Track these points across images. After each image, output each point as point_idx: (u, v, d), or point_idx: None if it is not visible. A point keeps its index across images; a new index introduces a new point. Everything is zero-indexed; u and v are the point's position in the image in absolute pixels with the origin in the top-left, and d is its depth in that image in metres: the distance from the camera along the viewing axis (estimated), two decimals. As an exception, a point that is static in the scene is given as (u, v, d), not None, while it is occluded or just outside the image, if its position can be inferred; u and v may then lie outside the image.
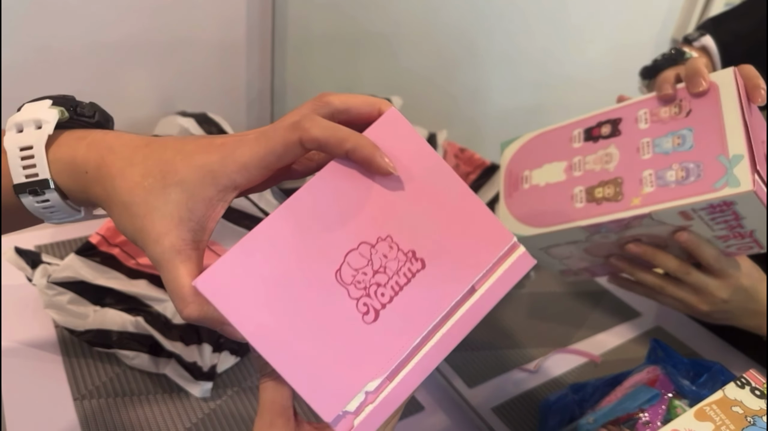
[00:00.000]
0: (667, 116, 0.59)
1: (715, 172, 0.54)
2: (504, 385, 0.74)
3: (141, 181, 0.34)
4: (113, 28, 0.88)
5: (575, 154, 0.63)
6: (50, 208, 0.37)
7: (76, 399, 0.64)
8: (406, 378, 0.33)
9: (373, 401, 0.32)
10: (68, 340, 0.71)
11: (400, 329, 0.33)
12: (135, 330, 0.68)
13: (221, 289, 0.31)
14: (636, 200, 0.58)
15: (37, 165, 0.36)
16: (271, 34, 0.98)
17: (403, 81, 1.17)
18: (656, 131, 0.59)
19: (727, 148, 0.54)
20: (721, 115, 0.55)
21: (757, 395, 0.59)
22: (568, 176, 0.64)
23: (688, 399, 0.61)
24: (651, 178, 0.58)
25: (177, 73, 0.97)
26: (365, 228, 0.34)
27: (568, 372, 0.76)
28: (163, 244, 0.33)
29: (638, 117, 0.61)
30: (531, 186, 0.66)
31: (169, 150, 0.35)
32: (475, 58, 1.23)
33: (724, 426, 0.56)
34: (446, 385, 0.73)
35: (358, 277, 0.33)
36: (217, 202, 0.35)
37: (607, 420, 0.60)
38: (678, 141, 0.57)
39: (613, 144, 0.61)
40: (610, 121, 0.62)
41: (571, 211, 0.62)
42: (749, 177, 0.53)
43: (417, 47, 1.15)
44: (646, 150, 0.59)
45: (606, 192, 0.60)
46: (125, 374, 0.68)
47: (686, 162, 0.56)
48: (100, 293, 0.70)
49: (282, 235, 0.33)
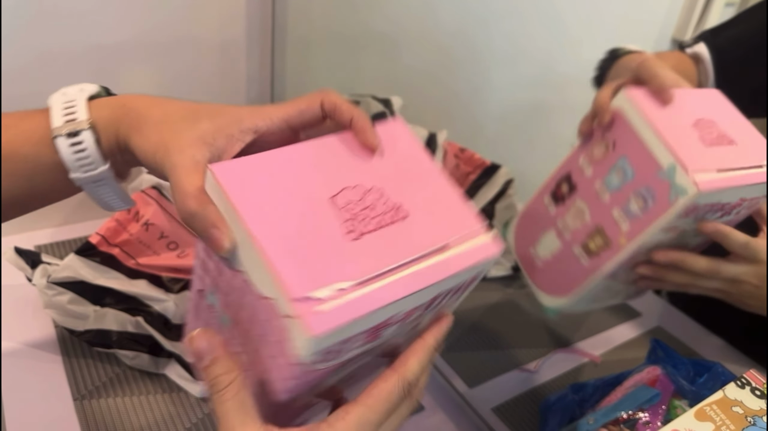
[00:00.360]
0: (600, 156, 0.60)
1: (663, 188, 0.55)
2: (504, 385, 0.74)
3: (176, 109, 0.40)
4: (113, 28, 0.88)
5: (556, 219, 0.66)
6: (82, 152, 0.41)
7: (76, 399, 0.64)
8: (374, 293, 0.35)
9: (338, 298, 0.33)
10: (68, 340, 0.71)
11: (376, 253, 0.36)
12: (135, 330, 0.68)
13: (232, 178, 0.35)
14: (622, 240, 0.60)
15: (77, 111, 0.41)
16: (271, 34, 0.98)
17: (403, 80, 1.17)
18: (600, 172, 0.61)
19: (659, 163, 0.55)
20: (638, 136, 0.56)
21: (758, 395, 0.59)
22: (562, 241, 0.66)
23: (689, 399, 0.61)
24: (621, 215, 0.59)
25: (177, 72, 0.96)
26: (365, 176, 0.39)
27: (568, 372, 0.76)
28: (185, 153, 0.37)
29: (581, 166, 0.62)
30: (542, 261, 0.69)
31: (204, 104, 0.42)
32: (475, 57, 1.23)
33: (724, 426, 0.56)
34: (446, 385, 0.73)
35: (350, 206, 0.38)
36: (236, 140, 0.39)
37: (607, 420, 0.60)
38: (621, 174, 0.59)
39: (578, 198, 0.64)
40: (564, 179, 0.64)
41: (583, 271, 0.64)
42: (690, 180, 0.53)
43: (417, 46, 1.15)
44: (603, 192, 0.61)
45: (597, 243, 0.62)
46: (125, 374, 0.68)
47: (638, 190, 0.57)
48: (100, 293, 0.70)
49: (297, 158, 0.38)
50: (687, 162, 0.54)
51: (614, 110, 0.58)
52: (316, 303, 0.33)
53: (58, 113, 0.41)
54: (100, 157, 0.42)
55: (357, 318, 0.33)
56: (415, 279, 0.36)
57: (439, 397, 0.72)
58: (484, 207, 0.97)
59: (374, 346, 0.40)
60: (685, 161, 0.54)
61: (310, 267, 0.34)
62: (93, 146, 0.41)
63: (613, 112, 0.58)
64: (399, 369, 0.37)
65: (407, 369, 0.37)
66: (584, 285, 0.65)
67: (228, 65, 0.99)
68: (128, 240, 0.75)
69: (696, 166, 0.54)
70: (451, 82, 1.23)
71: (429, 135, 1.03)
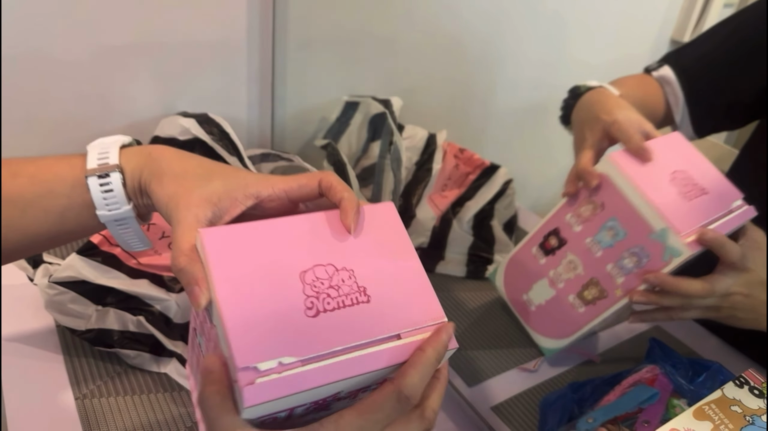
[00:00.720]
0: (588, 214, 0.63)
1: (656, 249, 0.59)
2: (503, 384, 0.74)
3: (194, 166, 0.45)
4: (114, 28, 0.88)
5: (548, 269, 0.69)
6: (110, 192, 0.46)
7: (77, 398, 0.65)
8: (313, 371, 0.37)
9: (279, 372, 0.36)
10: (69, 340, 0.71)
11: (329, 333, 0.38)
12: (136, 329, 0.68)
13: (216, 243, 0.39)
14: (618, 291, 0.63)
15: (110, 156, 0.46)
16: (271, 35, 0.99)
17: (403, 81, 1.17)
18: (590, 230, 0.63)
19: (651, 227, 0.58)
20: (626, 200, 0.59)
21: (756, 394, 0.59)
22: (555, 290, 0.69)
23: (687, 398, 0.61)
24: (615, 269, 0.63)
25: (178, 73, 0.97)
26: (338, 256, 0.42)
27: (568, 372, 0.77)
28: (190, 211, 0.42)
29: (569, 222, 0.65)
30: (536, 306, 0.72)
31: (219, 164, 0.46)
32: (475, 58, 1.23)
33: (722, 425, 0.56)
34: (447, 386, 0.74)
35: (316, 283, 0.40)
36: (239, 204, 0.44)
37: (606, 419, 0.60)
38: (612, 233, 0.62)
39: (568, 251, 0.66)
40: (552, 233, 0.67)
41: (580, 317, 0.68)
42: (682, 243, 0.57)
43: (417, 47, 1.16)
44: (595, 248, 0.64)
45: (593, 293, 0.66)
46: (126, 373, 0.68)
47: (631, 248, 0.61)
48: (102, 293, 0.70)
49: (282, 230, 0.42)
50: (677, 225, 0.57)
51: (600, 174, 0.60)
52: (257, 375, 0.35)
53: (93, 157, 0.46)
54: (125, 197, 0.46)
55: (290, 394, 0.36)
56: (358, 364, 0.38)
57: (439, 396, 0.72)
58: (483, 207, 0.98)
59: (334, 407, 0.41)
60: (676, 224, 0.57)
61: (262, 338, 0.37)
62: (119, 187, 0.46)
63: (600, 176, 0.60)
64: (396, 381, 0.38)
65: (404, 381, 0.38)
66: (582, 330, 0.69)
67: (229, 66, 1.00)
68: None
69: (686, 228, 0.58)
70: (450, 82, 1.24)
71: (429, 135, 1.03)
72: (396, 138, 0.97)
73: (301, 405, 0.39)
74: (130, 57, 0.92)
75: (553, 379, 0.75)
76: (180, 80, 0.98)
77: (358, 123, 1.04)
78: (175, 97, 0.99)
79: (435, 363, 0.40)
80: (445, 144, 1.03)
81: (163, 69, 0.95)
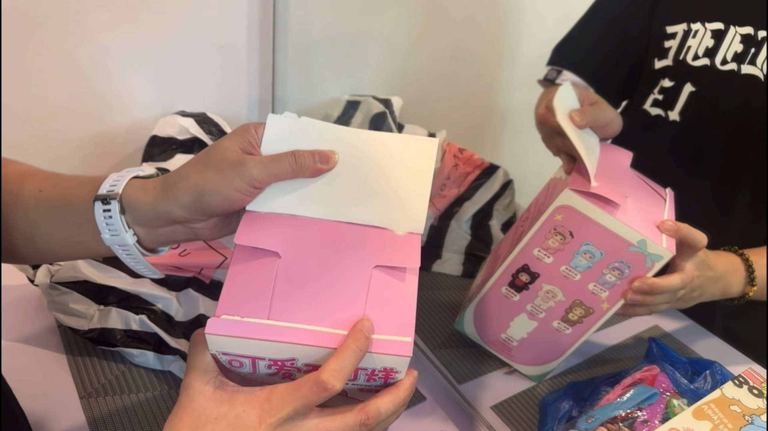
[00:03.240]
0: (558, 245, 0.64)
1: (638, 259, 0.62)
2: (503, 384, 0.74)
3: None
4: (114, 29, 0.88)
5: (524, 304, 0.69)
6: (109, 218, 0.47)
7: (82, 398, 0.65)
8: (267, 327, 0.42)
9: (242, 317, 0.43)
10: (72, 339, 0.72)
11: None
12: (139, 328, 0.68)
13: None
14: (604, 305, 0.65)
15: (118, 185, 0.48)
16: (272, 35, 0.99)
17: (403, 81, 1.17)
18: (563, 259, 0.65)
19: (628, 240, 0.61)
20: (597, 223, 0.61)
21: (755, 394, 0.59)
22: (537, 320, 0.70)
23: (687, 397, 0.62)
24: (597, 287, 0.65)
25: (178, 73, 0.97)
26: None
27: (568, 371, 0.77)
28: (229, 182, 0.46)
29: (538, 256, 0.66)
30: (519, 341, 0.73)
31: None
32: (475, 58, 1.23)
33: (722, 424, 0.56)
34: (446, 384, 0.74)
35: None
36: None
37: (605, 419, 0.60)
38: (588, 256, 0.63)
39: (543, 283, 0.67)
40: (521, 269, 0.67)
41: (567, 338, 0.70)
42: (662, 248, 0.60)
43: (417, 47, 1.16)
44: (572, 274, 0.65)
45: (578, 313, 0.67)
46: (130, 371, 0.69)
47: (611, 264, 0.63)
48: (103, 292, 0.70)
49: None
50: (650, 234, 0.61)
51: (563, 206, 0.62)
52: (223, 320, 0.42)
53: (108, 182, 0.48)
54: (121, 226, 0.48)
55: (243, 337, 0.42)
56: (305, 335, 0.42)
57: (438, 396, 0.72)
58: (482, 207, 0.98)
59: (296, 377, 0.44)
60: (648, 234, 0.61)
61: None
62: (117, 216, 0.47)
63: (563, 207, 0.62)
64: (364, 408, 0.43)
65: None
66: (572, 349, 0.70)
67: (229, 66, 1.00)
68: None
69: (657, 234, 0.62)
70: (451, 82, 1.24)
71: (429, 135, 1.03)
72: (396, 138, 0.97)
73: (261, 359, 0.43)
74: (130, 56, 0.92)
75: (553, 379, 0.76)
76: (180, 80, 0.98)
77: (359, 122, 1.04)
78: (174, 96, 0.99)
79: (355, 353, 0.42)
80: (444, 143, 1.03)
81: (163, 68, 0.95)
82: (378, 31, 1.10)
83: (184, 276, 0.74)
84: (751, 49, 0.75)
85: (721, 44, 0.77)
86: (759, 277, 0.71)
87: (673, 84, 0.82)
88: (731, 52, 0.76)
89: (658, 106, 0.84)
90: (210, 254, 0.76)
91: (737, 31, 0.76)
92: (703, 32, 0.79)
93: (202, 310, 0.71)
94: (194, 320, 0.70)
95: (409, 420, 0.69)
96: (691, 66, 0.79)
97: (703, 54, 0.78)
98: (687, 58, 0.80)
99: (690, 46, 0.80)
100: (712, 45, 0.78)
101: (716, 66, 0.77)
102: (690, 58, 0.80)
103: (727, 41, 0.77)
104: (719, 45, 0.77)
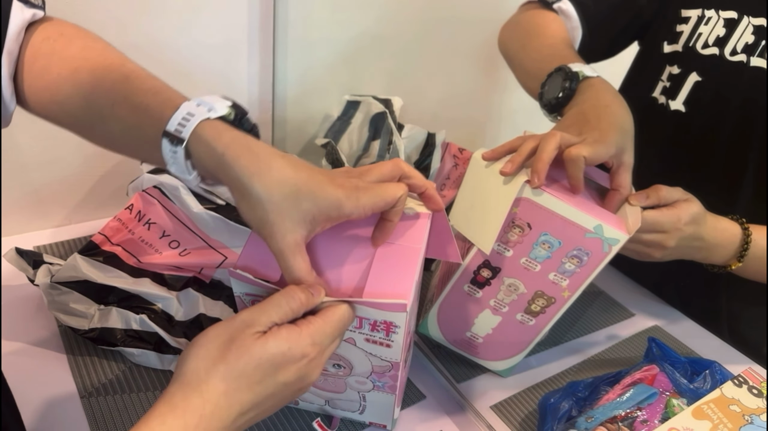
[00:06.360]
0: (516, 237, 0.64)
1: (595, 245, 0.62)
2: (503, 383, 0.74)
3: (278, 186, 0.45)
4: (114, 29, 0.88)
5: (487, 299, 0.69)
6: (173, 158, 0.47)
7: (83, 397, 0.65)
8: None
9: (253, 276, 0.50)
10: (72, 339, 0.72)
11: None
12: (139, 327, 0.68)
13: None
14: (566, 293, 0.66)
15: (186, 128, 0.46)
16: (272, 35, 0.99)
17: (403, 80, 1.18)
18: (523, 251, 0.65)
19: (585, 227, 0.61)
20: (554, 212, 0.61)
21: (755, 393, 0.60)
22: (501, 315, 0.70)
23: (686, 397, 0.62)
24: (557, 276, 0.65)
25: (178, 73, 0.97)
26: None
27: (568, 371, 0.77)
28: (288, 240, 0.46)
29: (498, 250, 0.66)
30: (484, 338, 0.72)
31: (303, 171, 0.47)
32: (474, 58, 1.24)
33: (721, 424, 0.57)
34: (445, 383, 0.74)
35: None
36: (333, 221, 0.48)
37: (605, 418, 0.60)
38: (547, 246, 0.63)
39: (504, 277, 0.67)
40: (483, 266, 0.67)
41: (531, 329, 0.70)
42: (618, 231, 0.61)
43: (417, 47, 1.16)
44: (532, 265, 0.65)
45: (540, 304, 0.67)
46: (131, 371, 0.69)
47: (569, 253, 0.63)
48: (104, 292, 0.71)
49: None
50: (605, 218, 0.61)
51: (520, 198, 0.62)
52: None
53: (177, 117, 0.47)
54: (185, 168, 0.48)
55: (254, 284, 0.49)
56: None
57: (438, 395, 0.72)
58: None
59: None
60: (604, 218, 0.61)
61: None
62: (182, 160, 0.47)
63: (519, 200, 0.62)
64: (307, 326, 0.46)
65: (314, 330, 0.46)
66: (536, 339, 0.71)
67: (229, 66, 1.00)
68: (131, 240, 0.76)
69: (613, 218, 0.62)
70: (451, 82, 1.24)
71: (428, 135, 1.03)
72: (395, 137, 0.98)
73: None
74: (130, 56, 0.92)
75: (553, 379, 0.76)
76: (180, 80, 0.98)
77: (359, 122, 1.04)
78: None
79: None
80: (444, 143, 1.03)
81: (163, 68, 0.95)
82: (378, 31, 1.10)
83: (185, 276, 0.74)
84: (762, 41, 0.74)
85: (732, 34, 0.76)
86: (750, 256, 0.71)
87: (679, 72, 0.81)
88: (742, 43, 0.75)
89: (664, 94, 0.83)
90: (210, 254, 0.76)
91: (750, 22, 0.75)
92: (716, 20, 0.78)
93: (203, 310, 0.71)
94: (194, 320, 0.70)
95: (409, 420, 0.69)
96: (700, 54, 0.79)
97: (713, 43, 0.78)
98: (697, 45, 0.79)
99: (701, 33, 0.79)
100: (723, 34, 0.77)
101: (725, 56, 0.77)
102: (699, 46, 0.79)
103: (738, 31, 0.76)
104: (731, 34, 0.76)
